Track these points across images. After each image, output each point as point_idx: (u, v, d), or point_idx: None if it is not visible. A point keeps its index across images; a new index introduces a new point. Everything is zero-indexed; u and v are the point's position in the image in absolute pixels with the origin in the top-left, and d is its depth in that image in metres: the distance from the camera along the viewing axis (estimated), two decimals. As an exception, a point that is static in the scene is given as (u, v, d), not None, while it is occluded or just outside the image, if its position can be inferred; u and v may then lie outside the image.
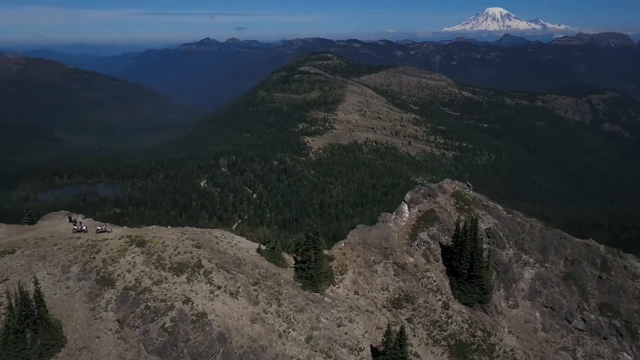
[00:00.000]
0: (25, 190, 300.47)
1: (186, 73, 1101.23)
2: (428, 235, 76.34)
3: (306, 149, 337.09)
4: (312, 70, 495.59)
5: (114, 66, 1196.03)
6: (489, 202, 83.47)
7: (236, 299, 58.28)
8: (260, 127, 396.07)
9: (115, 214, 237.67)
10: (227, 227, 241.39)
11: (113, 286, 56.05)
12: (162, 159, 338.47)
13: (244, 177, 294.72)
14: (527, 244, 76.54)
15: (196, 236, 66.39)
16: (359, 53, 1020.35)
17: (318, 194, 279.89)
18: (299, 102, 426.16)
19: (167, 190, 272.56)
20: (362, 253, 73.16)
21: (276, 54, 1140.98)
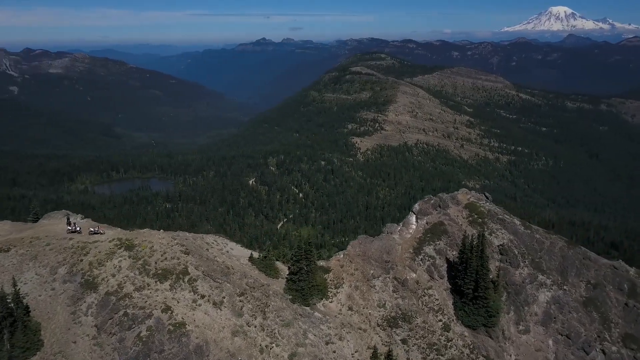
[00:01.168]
0: (84, 183, 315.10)
1: (242, 72, 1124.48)
2: (434, 250, 70.99)
3: (354, 149, 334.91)
4: (364, 70, 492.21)
5: (174, 65, 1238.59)
6: (506, 215, 76.94)
7: (219, 309, 55.43)
8: (310, 127, 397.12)
9: (166, 209, 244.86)
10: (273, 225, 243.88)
11: (96, 290, 54.50)
12: (213, 157, 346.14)
13: (292, 176, 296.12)
14: (545, 264, 69.74)
15: (186, 242, 64.27)
16: (414, 53, 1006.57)
17: (364, 196, 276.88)
18: (349, 102, 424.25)
19: (216, 187, 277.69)
20: (361, 266, 68.83)
21: (330, 54, 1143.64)
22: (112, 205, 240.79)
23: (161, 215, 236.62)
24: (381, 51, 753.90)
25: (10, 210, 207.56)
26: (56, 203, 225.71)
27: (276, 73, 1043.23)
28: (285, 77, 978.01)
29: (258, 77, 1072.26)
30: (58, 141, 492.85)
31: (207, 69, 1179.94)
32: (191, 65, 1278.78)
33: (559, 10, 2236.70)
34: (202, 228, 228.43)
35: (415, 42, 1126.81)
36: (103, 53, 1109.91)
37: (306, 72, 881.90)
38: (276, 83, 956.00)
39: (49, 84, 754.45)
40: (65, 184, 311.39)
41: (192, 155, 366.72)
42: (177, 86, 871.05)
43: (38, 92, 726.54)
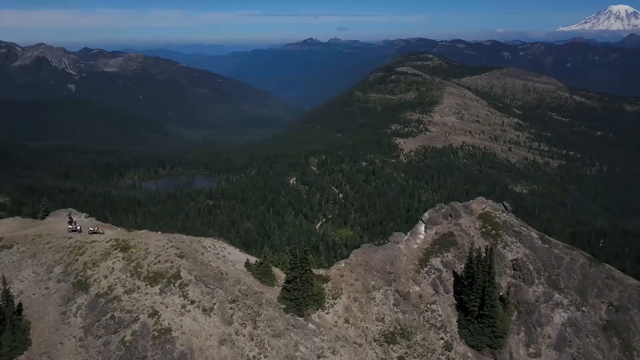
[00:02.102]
0: (133, 179, 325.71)
1: (289, 72, 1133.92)
2: (441, 262, 66.57)
3: (397, 150, 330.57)
4: (410, 70, 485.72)
5: (223, 65, 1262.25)
6: (522, 227, 71.32)
7: (209, 316, 53.65)
8: (353, 127, 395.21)
9: (208, 206, 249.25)
10: (312, 225, 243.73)
11: (87, 291, 53.72)
12: (257, 155, 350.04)
13: (332, 176, 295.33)
14: (563, 282, 64.05)
15: (182, 245, 62.50)
16: (463, 54, 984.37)
17: (406, 198, 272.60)
18: (394, 102, 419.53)
19: (258, 185, 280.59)
20: (362, 276, 65.12)
21: (377, 54, 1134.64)
22: (156, 201, 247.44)
23: (203, 212, 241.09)
24: (429, 51, 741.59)
25: (61, 203, 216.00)
26: (104, 197, 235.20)
27: (322, 73, 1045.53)
28: (331, 77, 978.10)
29: (304, 76, 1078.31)
30: (111, 137, 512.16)
31: (254, 69, 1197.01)
32: (239, 64, 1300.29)
33: (619, 9, 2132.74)
34: (243, 225, 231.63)
35: (465, 42, 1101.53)
36: (156, 52, 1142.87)
37: (352, 72, 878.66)
38: (322, 83, 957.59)
39: (104, 82, 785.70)
40: (114, 178, 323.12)
41: (236, 154, 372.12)
42: (225, 85, 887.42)
43: (94, 89, 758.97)
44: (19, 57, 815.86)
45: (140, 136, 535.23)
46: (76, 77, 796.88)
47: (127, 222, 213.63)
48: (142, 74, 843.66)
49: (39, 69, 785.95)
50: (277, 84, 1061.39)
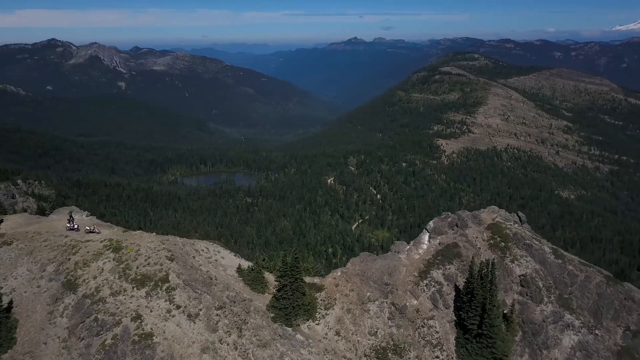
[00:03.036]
0: (175, 175, 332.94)
1: (332, 71, 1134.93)
2: (442, 275, 62.26)
3: (439, 152, 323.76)
4: (455, 70, 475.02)
5: (267, 64, 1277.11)
6: (534, 240, 65.61)
7: (193, 322, 52.12)
8: (394, 128, 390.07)
9: (246, 204, 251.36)
10: (348, 225, 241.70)
11: (75, 291, 53.37)
12: (296, 154, 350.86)
13: (370, 177, 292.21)
14: (576, 301, 58.76)
15: (174, 247, 61.57)
16: (511, 54, 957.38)
17: (446, 201, 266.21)
18: (437, 103, 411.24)
19: (296, 184, 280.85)
20: (358, 287, 62.33)
21: (422, 54, 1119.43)
22: (196, 197, 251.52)
23: (241, 209, 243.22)
24: (475, 51, 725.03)
25: (105, 197, 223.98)
26: (146, 192, 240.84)
27: (365, 72, 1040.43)
28: (375, 76, 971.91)
29: (347, 76, 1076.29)
30: (157, 134, 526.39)
31: (298, 68, 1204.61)
32: (283, 64, 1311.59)
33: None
34: (279, 224, 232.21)
35: (514, 41, 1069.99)
36: (202, 52, 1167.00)
37: (396, 71, 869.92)
38: (365, 82, 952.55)
39: (152, 80, 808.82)
40: (158, 174, 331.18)
41: (276, 152, 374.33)
42: (269, 84, 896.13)
43: (142, 87, 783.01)
44: (73, 56, 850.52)
45: (184, 133, 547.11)
46: (126, 75, 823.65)
47: (166, 217, 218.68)
48: (188, 72, 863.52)
49: (92, 67, 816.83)
50: (319, 83, 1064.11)
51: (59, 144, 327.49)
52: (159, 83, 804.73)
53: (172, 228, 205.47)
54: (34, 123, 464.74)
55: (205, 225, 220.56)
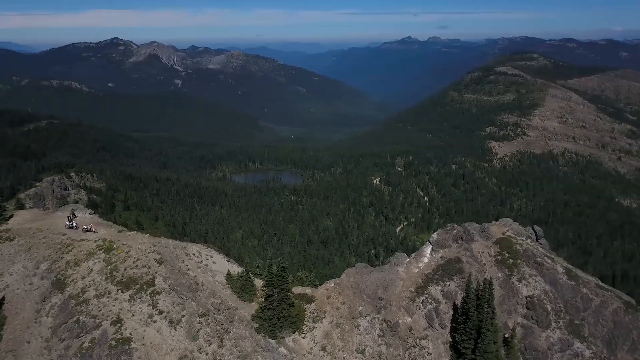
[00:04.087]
0: (224, 172, 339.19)
1: (385, 71, 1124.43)
2: (441, 292, 57.61)
3: (491, 154, 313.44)
4: (511, 71, 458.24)
5: (319, 63, 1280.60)
6: (546, 258, 59.53)
7: (174, 329, 50.58)
8: (444, 129, 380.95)
9: (290, 202, 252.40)
10: (393, 227, 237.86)
11: (62, 291, 52.95)
12: (343, 153, 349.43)
13: (418, 178, 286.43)
14: (589, 329, 53.11)
15: (165, 250, 60.17)
16: (573, 54, 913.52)
17: (496, 205, 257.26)
18: (490, 104, 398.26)
19: (341, 183, 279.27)
20: (350, 300, 58.86)
21: (478, 53, 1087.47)
22: (242, 194, 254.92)
23: (285, 207, 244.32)
24: (534, 51, 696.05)
25: (155, 191, 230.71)
26: (194, 188, 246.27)
27: (419, 72, 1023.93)
28: (428, 76, 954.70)
29: (400, 75, 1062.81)
30: (209, 131, 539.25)
31: (350, 67, 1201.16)
32: (335, 63, 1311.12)
33: None
34: (322, 223, 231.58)
35: (576, 41, 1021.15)
36: (256, 51, 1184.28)
37: (450, 71, 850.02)
38: (418, 82, 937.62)
39: (207, 78, 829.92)
40: (207, 170, 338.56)
41: (324, 151, 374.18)
42: (320, 83, 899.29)
43: (197, 85, 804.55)
44: (134, 54, 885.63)
45: (235, 131, 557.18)
46: (182, 73, 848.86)
47: (212, 213, 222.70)
48: (242, 71, 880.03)
49: (151, 65, 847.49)
50: (371, 83, 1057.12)
51: (115, 138, 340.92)
52: (214, 81, 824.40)
53: (217, 224, 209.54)
54: (95, 118, 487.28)
55: (250, 221, 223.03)
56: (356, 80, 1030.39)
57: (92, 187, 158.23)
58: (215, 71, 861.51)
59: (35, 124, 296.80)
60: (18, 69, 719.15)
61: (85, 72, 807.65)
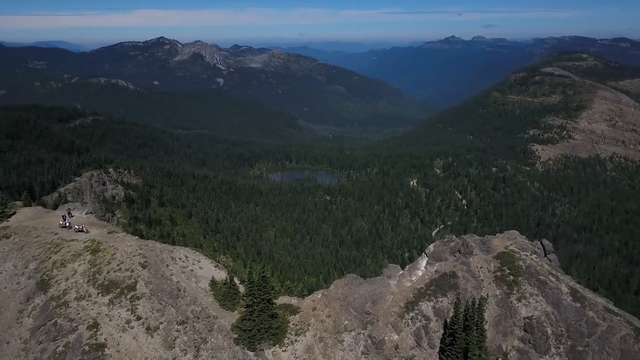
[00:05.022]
0: (261, 170, 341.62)
1: (427, 71, 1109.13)
2: (432, 309, 53.47)
3: (533, 158, 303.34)
4: (557, 71, 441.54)
5: (360, 62, 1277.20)
6: (551, 276, 54.36)
7: (151, 336, 49.15)
8: (486, 130, 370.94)
9: (324, 201, 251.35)
10: (428, 230, 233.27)
11: (46, 292, 52.35)
12: (380, 154, 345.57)
13: (457, 180, 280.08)
14: (593, 356, 48.14)
15: (150, 254, 58.97)
16: (627, 54, 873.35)
17: (537, 210, 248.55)
18: (535, 106, 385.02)
19: (376, 184, 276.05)
20: (337, 313, 55.64)
21: (524, 53, 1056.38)
22: (277, 192, 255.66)
23: (319, 207, 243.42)
24: (585, 51, 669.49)
25: (192, 188, 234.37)
26: (230, 185, 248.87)
27: (462, 72, 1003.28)
28: (471, 76, 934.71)
29: (442, 75, 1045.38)
30: (249, 129, 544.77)
31: (391, 67, 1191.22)
32: (377, 62, 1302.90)
33: None
34: (356, 224, 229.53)
35: (630, 40, 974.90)
36: (298, 50, 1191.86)
37: (494, 72, 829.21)
38: (460, 82, 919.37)
39: (249, 77, 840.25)
40: (245, 168, 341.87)
41: (361, 151, 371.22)
42: (360, 82, 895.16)
43: (239, 84, 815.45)
44: (178, 53, 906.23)
45: (274, 130, 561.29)
46: (225, 72, 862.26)
47: (246, 211, 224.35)
48: (283, 70, 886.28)
49: (194, 64, 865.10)
50: (413, 83, 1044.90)
51: (156, 135, 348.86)
52: (255, 80, 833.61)
53: (251, 221, 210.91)
54: (139, 115, 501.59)
55: (283, 220, 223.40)
56: (397, 80, 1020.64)
57: (129, 182, 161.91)
58: (256, 70, 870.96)
59: (81, 120, 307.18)
60: (69, 67, 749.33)
61: (131, 71, 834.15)
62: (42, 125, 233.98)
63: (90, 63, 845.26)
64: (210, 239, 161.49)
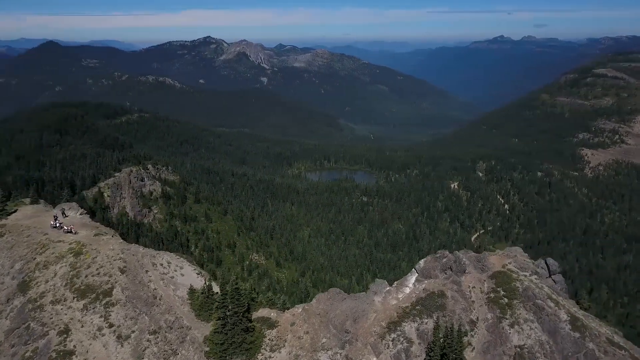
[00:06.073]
0: (299, 169, 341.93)
1: (473, 71, 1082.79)
2: (416, 331, 48.82)
3: (582, 162, 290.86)
4: (611, 73, 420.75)
5: (405, 62, 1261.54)
6: (549, 301, 48.63)
7: (121, 345, 47.59)
8: (532, 133, 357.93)
9: (361, 202, 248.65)
10: (468, 235, 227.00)
11: (25, 294, 51.51)
12: (420, 155, 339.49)
13: (500, 185, 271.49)
14: None
15: (131, 258, 57.34)
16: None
17: (585, 218, 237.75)
18: (585, 108, 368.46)
19: (416, 186, 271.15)
20: (315, 329, 52.00)
21: (577, 54, 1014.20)
22: (313, 192, 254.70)
23: (355, 208, 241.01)
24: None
25: (230, 186, 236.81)
26: (267, 184, 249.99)
27: (510, 73, 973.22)
28: (520, 77, 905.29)
29: (490, 76, 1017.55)
30: (290, 128, 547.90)
31: (437, 67, 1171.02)
32: (422, 62, 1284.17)
33: None
34: (392, 226, 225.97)
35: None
36: (342, 49, 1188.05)
37: (544, 73, 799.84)
38: (508, 84, 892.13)
39: (292, 76, 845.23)
40: (283, 167, 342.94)
41: (401, 152, 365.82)
42: (404, 82, 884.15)
43: (282, 83, 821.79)
44: (224, 52, 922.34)
45: (315, 129, 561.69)
46: (268, 71, 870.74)
47: (282, 209, 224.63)
48: (326, 69, 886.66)
49: (239, 63, 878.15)
50: (459, 83, 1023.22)
51: (198, 133, 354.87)
52: (298, 79, 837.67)
53: (286, 220, 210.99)
54: (185, 113, 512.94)
55: (318, 220, 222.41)
56: (443, 81, 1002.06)
57: (167, 179, 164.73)
58: (300, 69, 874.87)
59: (127, 117, 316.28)
60: (120, 66, 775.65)
61: (179, 69, 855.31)
62: (88, 121, 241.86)
63: (140, 62, 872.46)
64: (244, 236, 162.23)
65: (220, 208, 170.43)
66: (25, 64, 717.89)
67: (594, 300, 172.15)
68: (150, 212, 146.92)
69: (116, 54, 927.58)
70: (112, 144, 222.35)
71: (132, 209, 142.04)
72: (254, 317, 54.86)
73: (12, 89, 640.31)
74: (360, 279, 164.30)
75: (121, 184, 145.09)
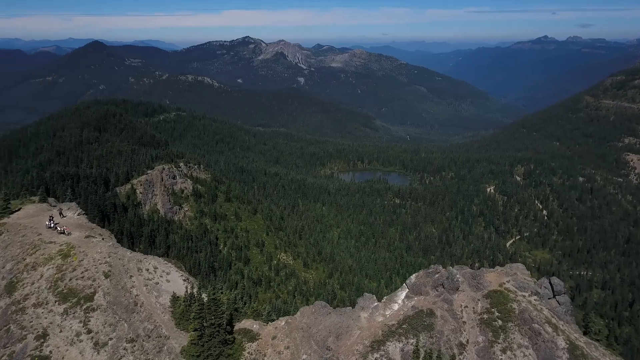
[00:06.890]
0: (332, 169, 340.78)
1: (515, 72, 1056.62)
2: (400, 351, 44.91)
3: (627, 168, 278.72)
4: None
5: (444, 62, 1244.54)
6: (547, 326, 44.13)
7: (97, 352, 46.50)
8: (575, 137, 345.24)
9: (393, 204, 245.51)
10: (503, 240, 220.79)
11: (11, 295, 51.07)
12: (456, 157, 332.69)
13: (538, 189, 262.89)
14: None
15: (117, 262, 56.27)
16: None
17: (628, 226, 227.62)
18: (633, 112, 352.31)
19: (450, 189, 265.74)
20: (296, 345, 49.21)
21: (625, 55, 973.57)
22: (345, 193, 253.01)
23: (387, 210, 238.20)
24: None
25: (262, 185, 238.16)
26: (299, 184, 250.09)
27: (554, 74, 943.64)
28: (564, 79, 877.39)
29: (532, 77, 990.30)
30: (325, 128, 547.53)
31: (477, 67, 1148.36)
32: (461, 62, 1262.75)
33: None
34: (425, 229, 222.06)
35: None
36: (380, 49, 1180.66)
37: (590, 74, 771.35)
38: (552, 85, 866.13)
39: (329, 76, 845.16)
40: (317, 167, 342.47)
41: (437, 154, 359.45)
42: (442, 83, 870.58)
43: (319, 83, 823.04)
44: (262, 52, 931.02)
45: (351, 129, 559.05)
46: (305, 71, 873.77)
47: (313, 210, 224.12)
48: (363, 69, 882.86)
49: (277, 63, 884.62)
50: (499, 84, 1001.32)
51: (234, 132, 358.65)
52: (335, 79, 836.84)
53: (316, 221, 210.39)
54: (222, 112, 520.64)
55: (349, 221, 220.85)
56: (483, 82, 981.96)
57: (198, 177, 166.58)
58: (337, 70, 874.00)
59: (165, 115, 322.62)
60: (161, 65, 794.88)
61: (218, 69, 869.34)
62: (127, 119, 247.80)
63: (180, 61, 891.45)
64: (272, 236, 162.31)
65: (250, 207, 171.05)
66: (72, 63, 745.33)
67: (635, 312, 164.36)
68: (180, 209, 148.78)
69: (158, 53, 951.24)
70: (149, 142, 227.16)
71: (163, 206, 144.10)
72: (236, 328, 53.32)
73: (59, 87, 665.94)
74: (389, 283, 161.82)
75: (153, 181, 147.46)
